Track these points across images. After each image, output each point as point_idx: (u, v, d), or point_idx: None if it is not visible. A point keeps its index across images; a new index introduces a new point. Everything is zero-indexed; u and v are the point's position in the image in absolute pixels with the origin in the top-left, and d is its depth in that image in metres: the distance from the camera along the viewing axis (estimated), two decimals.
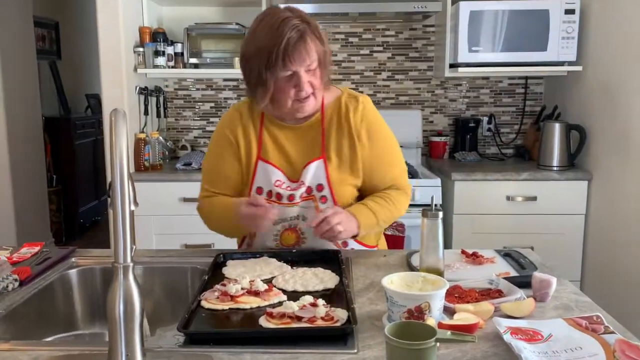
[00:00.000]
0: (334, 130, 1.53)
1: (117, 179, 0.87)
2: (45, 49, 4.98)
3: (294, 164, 1.54)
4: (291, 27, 1.38)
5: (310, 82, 1.44)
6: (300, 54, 1.39)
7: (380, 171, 1.56)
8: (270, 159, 1.54)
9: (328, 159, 1.52)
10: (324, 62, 1.45)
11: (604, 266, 2.65)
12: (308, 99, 1.46)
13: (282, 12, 1.43)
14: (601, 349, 0.94)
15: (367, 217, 1.49)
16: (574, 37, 2.78)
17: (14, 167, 3.78)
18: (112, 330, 0.87)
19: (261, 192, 1.53)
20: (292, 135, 1.55)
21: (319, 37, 1.43)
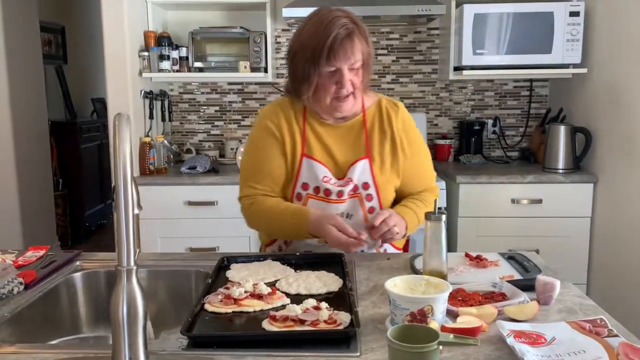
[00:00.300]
0: (376, 133, 1.58)
1: (120, 183, 0.87)
2: (52, 53, 5.02)
3: (338, 162, 1.57)
4: (340, 25, 1.43)
5: (352, 81, 1.48)
6: (345, 51, 1.43)
7: (418, 177, 1.64)
8: (315, 156, 1.57)
9: (372, 159, 1.57)
10: (367, 63, 1.49)
11: (610, 269, 2.64)
12: (347, 98, 1.50)
13: (332, 11, 1.48)
14: (605, 352, 0.93)
15: (412, 219, 1.55)
16: (579, 39, 2.77)
17: (21, 171, 3.81)
18: (115, 333, 0.88)
19: (307, 187, 1.56)
20: (335, 133, 1.59)
21: (366, 38, 1.48)
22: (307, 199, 1.56)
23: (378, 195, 1.56)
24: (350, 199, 1.55)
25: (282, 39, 3.34)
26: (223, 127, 3.44)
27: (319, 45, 1.42)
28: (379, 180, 1.56)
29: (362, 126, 1.59)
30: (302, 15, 2.87)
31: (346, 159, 1.57)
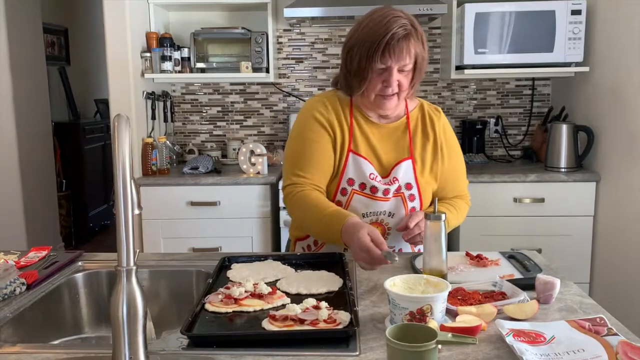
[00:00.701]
0: (419, 135, 1.61)
1: (119, 183, 0.88)
2: (55, 55, 5.04)
3: (382, 161, 1.59)
4: (399, 24, 1.45)
5: (399, 82, 1.49)
6: (400, 50, 1.45)
7: (452, 182, 1.66)
8: (361, 152, 1.58)
9: (415, 160, 1.59)
10: (420, 67, 1.51)
11: (612, 268, 2.63)
12: (392, 97, 1.52)
13: (393, 10, 1.49)
14: (604, 351, 0.93)
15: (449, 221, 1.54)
16: (581, 37, 2.77)
17: (24, 172, 3.82)
18: (115, 333, 0.88)
19: (353, 183, 1.56)
20: (379, 132, 1.60)
21: (423, 42, 1.50)
22: (352, 194, 1.56)
23: (420, 197, 1.59)
24: (394, 197, 1.56)
25: (284, 39, 3.35)
26: (225, 127, 3.45)
27: (376, 41, 1.44)
28: (421, 182, 1.59)
29: (406, 128, 1.61)
30: (304, 15, 2.88)
31: (389, 158, 1.59)
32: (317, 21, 3.16)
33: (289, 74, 3.38)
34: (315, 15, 2.88)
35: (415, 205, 1.59)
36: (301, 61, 3.37)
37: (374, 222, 1.57)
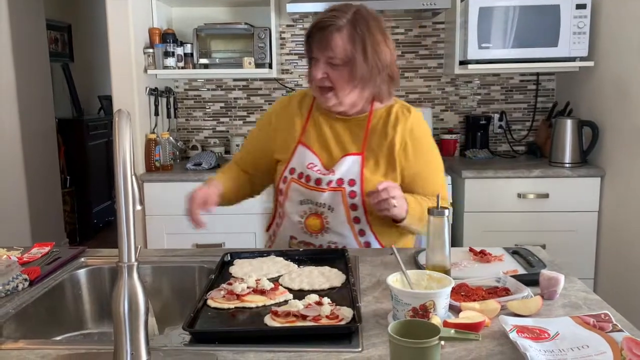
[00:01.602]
0: (377, 134, 1.57)
1: (120, 180, 0.87)
2: (58, 51, 5.04)
3: (332, 154, 1.58)
4: (329, 16, 1.47)
5: (330, 76, 1.48)
6: (320, 41, 1.46)
7: (421, 184, 1.59)
8: (311, 144, 1.60)
9: (366, 157, 1.56)
10: (355, 65, 1.46)
11: (617, 263, 2.62)
12: (326, 92, 1.51)
13: (342, 4, 1.51)
14: (608, 347, 0.92)
15: (415, 207, 1.50)
16: (586, 32, 2.75)
17: (28, 169, 3.83)
18: (117, 329, 0.88)
19: (293, 172, 1.59)
20: (336, 126, 1.60)
21: (361, 39, 1.45)
22: (290, 182, 1.59)
23: (362, 195, 1.53)
24: (332, 191, 1.54)
25: (287, 35, 3.34)
26: (228, 123, 3.44)
27: (307, 32, 1.52)
28: (367, 180, 1.53)
29: (365, 125, 1.58)
30: (306, 10, 2.87)
31: (340, 151, 1.58)
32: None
33: (291, 69, 3.37)
34: (318, 10, 2.87)
35: (357, 203, 1.53)
36: (304, 56, 3.35)
37: (312, 214, 1.56)
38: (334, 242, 1.57)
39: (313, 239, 1.58)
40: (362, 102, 1.56)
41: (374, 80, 1.50)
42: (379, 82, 1.51)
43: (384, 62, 1.49)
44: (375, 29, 1.48)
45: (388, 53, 1.50)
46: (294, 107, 1.65)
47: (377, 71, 1.49)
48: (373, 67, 1.48)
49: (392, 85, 1.56)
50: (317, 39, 1.47)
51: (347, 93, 1.51)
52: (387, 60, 1.50)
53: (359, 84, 1.49)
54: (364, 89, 1.52)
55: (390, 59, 1.52)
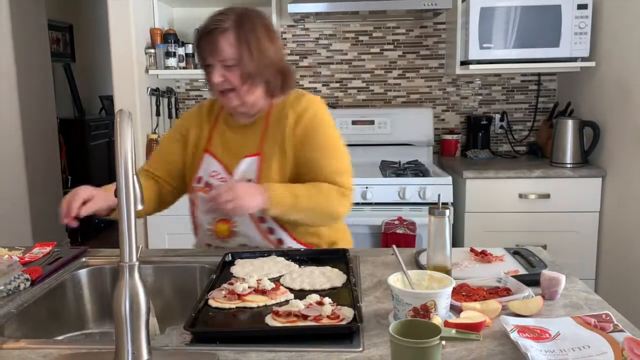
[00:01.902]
0: (272, 130, 1.58)
1: (122, 179, 0.88)
2: (60, 51, 5.05)
3: (233, 158, 1.59)
4: (212, 20, 1.49)
5: (227, 78, 1.50)
6: (208, 45, 1.49)
7: (314, 171, 1.55)
8: (216, 152, 1.62)
9: (264, 155, 1.56)
10: (247, 65, 1.48)
11: (618, 264, 2.62)
12: (228, 94, 1.53)
13: (227, 8, 1.53)
14: (609, 347, 0.92)
15: (282, 195, 1.47)
16: (587, 32, 2.75)
17: (30, 169, 3.84)
18: (118, 328, 0.88)
19: (200, 181, 1.61)
20: (240, 131, 1.62)
21: (245, 40, 1.47)
22: (197, 192, 1.61)
23: None
24: None
25: (288, 35, 3.34)
26: None
27: (195, 40, 1.54)
28: (264, 179, 1.54)
29: (263, 123, 1.59)
30: (308, 10, 2.87)
31: (240, 154, 1.58)
32: (321, 17, 3.15)
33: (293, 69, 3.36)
34: (319, 10, 2.87)
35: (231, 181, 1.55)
36: (305, 57, 3.36)
37: (221, 219, 1.57)
38: (243, 244, 1.58)
39: (225, 243, 1.59)
40: (261, 100, 1.57)
41: (263, 77, 1.53)
42: (268, 77, 1.53)
43: (270, 59, 1.52)
44: (259, 28, 1.51)
45: (272, 50, 1.53)
46: (204, 116, 1.68)
47: (263, 67, 1.51)
48: (259, 64, 1.50)
49: (285, 79, 1.58)
50: (205, 44, 1.50)
51: (246, 91, 1.52)
52: (273, 57, 1.53)
53: (249, 81, 1.51)
54: (256, 86, 1.53)
55: (276, 54, 1.54)
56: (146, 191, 1.57)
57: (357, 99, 3.38)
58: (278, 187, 1.49)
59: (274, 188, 1.48)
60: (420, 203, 2.64)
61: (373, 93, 3.37)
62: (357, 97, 3.37)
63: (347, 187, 1.56)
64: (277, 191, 1.47)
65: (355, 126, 3.19)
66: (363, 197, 2.65)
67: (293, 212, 1.50)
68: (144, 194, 1.52)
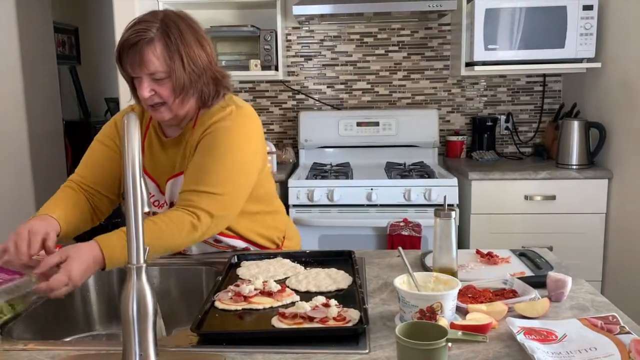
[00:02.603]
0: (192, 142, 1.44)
1: (129, 182, 0.88)
2: (65, 54, 5.07)
3: (161, 178, 1.48)
4: (134, 30, 1.33)
5: (157, 91, 1.35)
6: (133, 59, 1.33)
7: (185, 179, 1.40)
8: (148, 169, 1.49)
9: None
10: (179, 77, 1.34)
11: (625, 266, 2.61)
12: (159, 107, 1.38)
13: (147, 14, 1.38)
14: (616, 349, 0.92)
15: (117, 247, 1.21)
16: (593, 33, 2.74)
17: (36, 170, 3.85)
18: (126, 330, 0.89)
19: None
20: (167, 145, 1.49)
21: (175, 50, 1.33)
22: None
23: None
24: None
25: (293, 37, 3.34)
26: None
27: (117, 49, 1.36)
28: None
29: (188, 136, 1.45)
30: (313, 12, 2.88)
31: (167, 174, 1.47)
32: (326, 18, 3.15)
33: (298, 71, 3.37)
34: (324, 12, 2.88)
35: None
36: (310, 59, 3.36)
37: None
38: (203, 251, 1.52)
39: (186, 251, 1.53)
40: (193, 109, 1.45)
41: (196, 87, 1.39)
42: (201, 86, 1.40)
43: (203, 65, 1.39)
44: (188, 33, 1.37)
45: (204, 56, 1.39)
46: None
47: (196, 77, 1.38)
48: (191, 75, 1.36)
49: (218, 85, 1.44)
50: (129, 58, 1.33)
51: (179, 104, 1.39)
52: (205, 64, 1.39)
53: (181, 94, 1.37)
54: (189, 98, 1.40)
55: (208, 60, 1.41)
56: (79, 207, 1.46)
57: (362, 101, 3.38)
58: (113, 241, 1.23)
59: (108, 246, 1.21)
60: (425, 205, 2.64)
61: (378, 94, 3.37)
62: (362, 98, 3.38)
63: (205, 208, 1.33)
64: (110, 244, 1.22)
65: (360, 128, 3.19)
66: (368, 198, 2.65)
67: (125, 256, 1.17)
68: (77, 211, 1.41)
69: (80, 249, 1.17)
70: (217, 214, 1.34)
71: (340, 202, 2.67)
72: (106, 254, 1.18)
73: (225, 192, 1.36)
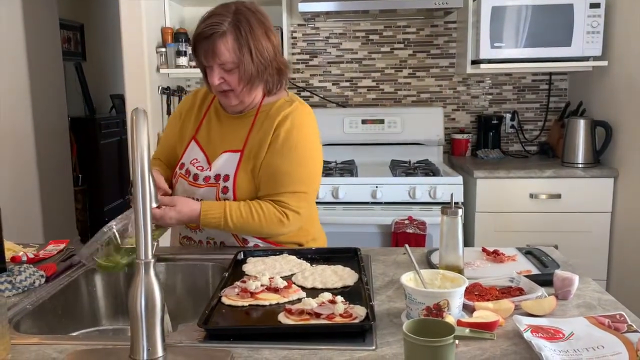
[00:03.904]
0: (258, 130, 1.56)
1: (138, 177, 0.88)
2: (71, 50, 5.08)
3: (215, 150, 1.59)
4: (208, 24, 1.45)
5: (226, 80, 1.49)
6: (206, 51, 1.46)
7: (269, 179, 1.52)
8: (201, 141, 1.62)
9: (245, 154, 1.55)
10: (247, 68, 1.46)
11: (630, 264, 2.60)
12: (227, 94, 1.52)
13: (220, 6, 1.49)
14: (624, 348, 0.92)
15: (213, 217, 1.47)
16: (599, 31, 2.73)
17: (41, 167, 3.87)
18: (133, 325, 0.89)
19: (182, 167, 1.62)
20: (227, 123, 1.62)
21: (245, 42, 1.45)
22: (178, 177, 1.62)
23: (234, 191, 1.52)
24: (208, 187, 1.55)
25: (298, 34, 3.34)
26: None
27: (192, 41, 1.51)
28: (240, 176, 1.53)
29: (251, 120, 1.58)
30: (318, 9, 2.87)
31: (222, 147, 1.58)
32: (332, 16, 3.15)
33: (303, 69, 3.37)
34: (329, 9, 2.87)
35: (229, 198, 1.52)
36: (315, 56, 3.36)
37: None
38: (211, 237, 1.59)
39: (193, 234, 1.61)
40: (258, 97, 1.58)
41: (262, 77, 1.52)
42: (267, 77, 1.52)
43: (270, 57, 1.50)
44: (257, 27, 1.47)
45: (271, 47, 1.50)
46: (197, 103, 1.69)
47: (263, 68, 1.50)
48: (258, 66, 1.48)
49: (281, 75, 1.56)
50: (203, 48, 1.47)
51: (246, 92, 1.52)
52: (271, 55, 1.51)
53: (249, 82, 1.50)
54: (256, 87, 1.53)
55: (275, 51, 1.52)
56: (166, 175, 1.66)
57: (367, 98, 3.37)
58: (214, 209, 1.47)
59: (211, 207, 1.47)
60: (430, 203, 2.64)
61: (383, 92, 3.36)
62: (367, 96, 3.37)
63: (294, 208, 1.51)
64: (210, 212, 1.47)
65: (365, 125, 3.19)
66: (373, 196, 2.65)
67: (223, 225, 1.49)
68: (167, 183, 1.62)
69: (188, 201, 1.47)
70: (303, 213, 1.53)
71: (345, 199, 2.66)
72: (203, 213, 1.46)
73: (308, 190, 1.55)
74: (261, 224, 1.48)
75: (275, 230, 1.51)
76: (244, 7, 1.49)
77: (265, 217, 1.48)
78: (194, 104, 1.69)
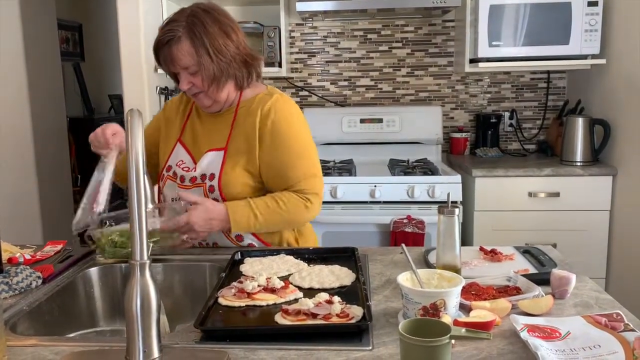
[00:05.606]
0: (241, 127, 1.57)
1: (132, 178, 0.88)
2: (69, 51, 5.08)
3: (200, 150, 1.60)
4: (165, 31, 1.47)
5: (193, 83, 1.50)
6: (168, 58, 1.48)
7: (278, 175, 1.55)
8: (186, 142, 1.64)
9: (229, 151, 1.56)
10: (209, 69, 1.47)
11: (629, 263, 2.60)
12: (199, 95, 1.54)
13: (177, 12, 1.51)
14: (620, 347, 0.92)
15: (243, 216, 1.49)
16: (597, 29, 2.73)
17: (40, 167, 3.86)
18: (129, 326, 0.89)
19: (170, 170, 1.63)
20: (209, 122, 1.63)
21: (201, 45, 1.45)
22: (165, 179, 1.63)
23: (220, 189, 1.53)
24: (195, 187, 1.56)
25: (296, 33, 3.34)
26: None
27: (153, 51, 1.53)
28: (226, 175, 1.53)
29: (232, 116, 1.59)
30: (316, 9, 2.87)
31: (206, 146, 1.59)
32: (330, 15, 3.15)
33: (301, 68, 3.37)
34: (327, 9, 2.87)
35: (216, 197, 1.54)
36: (313, 55, 3.36)
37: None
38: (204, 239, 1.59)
39: None
40: (233, 93, 1.58)
41: (228, 74, 1.51)
42: (234, 72, 1.52)
43: (231, 53, 1.50)
44: (212, 24, 1.47)
45: (231, 43, 1.49)
46: (182, 106, 1.70)
47: (226, 65, 1.49)
48: (220, 64, 1.48)
49: (249, 67, 1.55)
50: (163, 56, 1.49)
51: (215, 91, 1.52)
52: (234, 51, 1.50)
53: (214, 81, 1.50)
54: (224, 84, 1.53)
55: (237, 47, 1.51)
56: None
57: (365, 97, 3.37)
58: (240, 208, 1.50)
59: (237, 208, 1.49)
60: (429, 201, 2.63)
61: (381, 91, 3.36)
62: (366, 95, 3.37)
63: (313, 191, 1.56)
64: (238, 211, 1.49)
65: (364, 124, 3.19)
66: (371, 195, 2.65)
67: (254, 230, 1.54)
68: None
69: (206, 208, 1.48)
70: (321, 192, 1.59)
71: (343, 199, 2.66)
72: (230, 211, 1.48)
73: (316, 171, 1.59)
74: (288, 210, 1.52)
75: (302, 215, 1.55)
76: (199, 9, 1.50)
77: (291, 204, 1.52)
78: (179, 106, 1.71)
